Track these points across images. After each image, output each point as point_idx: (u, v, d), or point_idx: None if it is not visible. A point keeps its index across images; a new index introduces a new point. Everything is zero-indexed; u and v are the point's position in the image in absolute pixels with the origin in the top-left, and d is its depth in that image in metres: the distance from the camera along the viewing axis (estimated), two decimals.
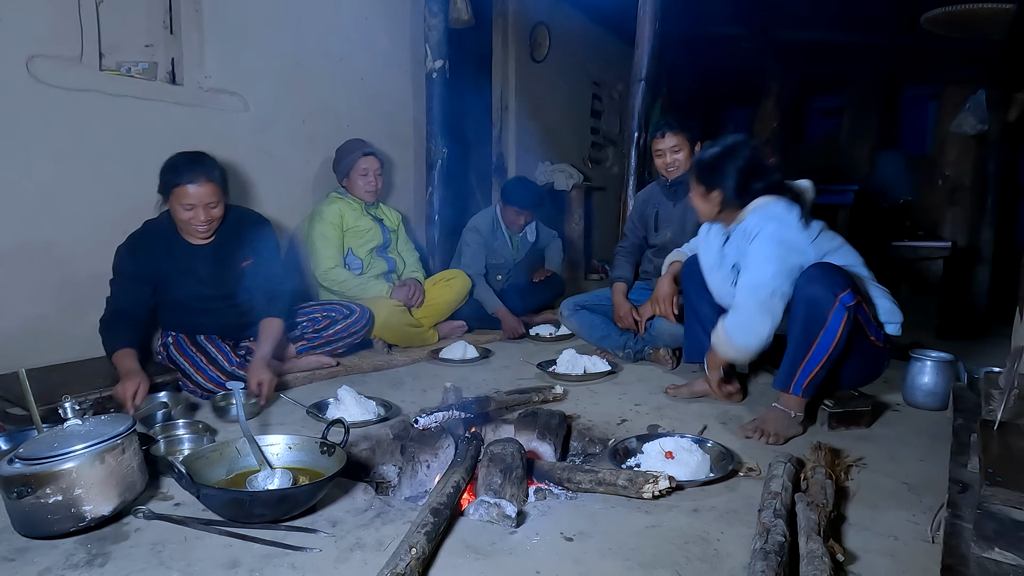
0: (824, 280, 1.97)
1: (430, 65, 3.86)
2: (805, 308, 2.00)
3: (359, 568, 1.29)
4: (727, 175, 2.14)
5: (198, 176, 2.27)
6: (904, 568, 1.33)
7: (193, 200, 2.28)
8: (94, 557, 1.32)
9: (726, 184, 2.14)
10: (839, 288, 1.95)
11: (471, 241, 3.72)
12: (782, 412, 2.05)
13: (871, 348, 2.12)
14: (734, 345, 2.11)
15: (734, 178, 2.13)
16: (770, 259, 2.02)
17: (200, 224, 2.33)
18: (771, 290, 2.01)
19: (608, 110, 6.25)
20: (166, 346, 2.48)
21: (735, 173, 2.13)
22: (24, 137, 2.41)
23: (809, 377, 2.01)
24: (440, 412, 1.99)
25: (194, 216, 2.30)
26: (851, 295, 1.95)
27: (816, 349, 1.98)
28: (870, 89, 6.60)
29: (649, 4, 3.63)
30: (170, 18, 2.91)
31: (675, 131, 2.91)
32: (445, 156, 3.94)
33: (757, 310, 2.02)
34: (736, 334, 2.08)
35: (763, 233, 2.05)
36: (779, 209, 2.08)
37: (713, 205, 2.20)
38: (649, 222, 3.13)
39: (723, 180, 2.15)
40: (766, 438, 1.99)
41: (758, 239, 2.06)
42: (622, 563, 1.32)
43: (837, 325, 1.95)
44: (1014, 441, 1.46)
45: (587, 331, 3.10)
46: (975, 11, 3.68)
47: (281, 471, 1.58)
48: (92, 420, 1.55)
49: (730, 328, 2.10)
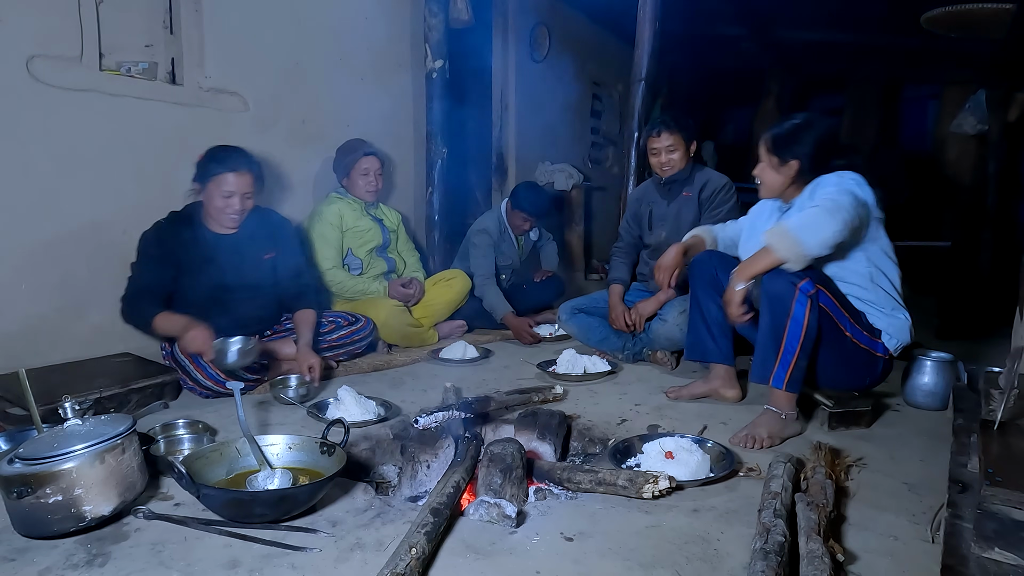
0: (784, 272, 1.98)
1: (430, 65, 3.86)
2: (769, 300, 2.00)
3: (359, 568, 1.29)
4: (807, 143, 2.11)
5: (240, 166, 2.41)
6: (904, 568, 1.33)
7: (232, 188, 2.39)
8: (94, 557, 1.32)
9: (804, 152, 2.11)
10: (797, 278, 1.95)
11: (480, 243, 3.63)
12: (773, 414, 2.04)
13: (849, 347, 2.09)
14: (793, 239, 1.93)
15: (813, 147, 2.11)
16: (845, 194, 1.97)
17: (234, 212, 2.43)
18: (838, 204, 1.94)
19: (608, 110, 6.25)
20: (171, 341, 2.47)
21: (815, 142, 2.11)
22: (24, 137, 2.41)
23: (789, 369, 1.98)
24: (440, 412, 1.98)
25: (229, 204, 2.41)
26: (810, 283, 1.95)
27: (787, 340, 1.97)
28: (870, 89, 6.60)
29: (649, 4, 3.63)
30: (170, 18, 2.91)
31: (671, 130, 2.91)
32: (445, 156, 3.94)
33: (828, 212, 1.93)
34: (800, 230, 1.93)
35: (841, 184, 2.02)
36: (859, 177, 2.07)
37: (787, 177, 2.15)
38: (643, 221, 3.13)
39: (802, 149, 2.11)
40: (759, 443, 1.96)
41: (834, 186, 2.03)
42: (622, 563, 1.32)
43: (802, 313, 1.94)
44: (1014, 441, 1.46)
45: (585, 334, 3.10)
46: (975, 11, 3.68)
47: (281, 471, 1.58)
48: (92, 420, 1.55)
49: (794, 225, 1.96)
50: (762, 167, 2.20)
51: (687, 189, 2.99)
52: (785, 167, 2.15)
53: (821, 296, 1.98)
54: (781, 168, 2.15)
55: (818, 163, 2.12)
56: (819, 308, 1.98)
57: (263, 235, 2.59)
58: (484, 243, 3.65)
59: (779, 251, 1.95)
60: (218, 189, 2.39)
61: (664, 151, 2.93)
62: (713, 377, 2.46)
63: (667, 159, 2.94)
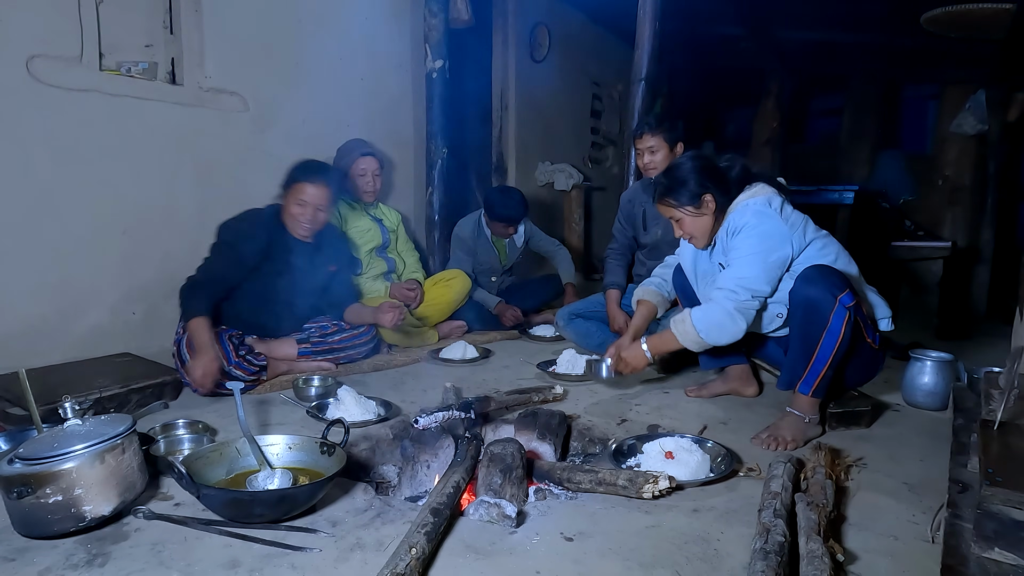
0: (822, 281, 1.95)
1: (430, 65, 3.86)
2: (805, 310, 1.97)
3: (359, 568, 1.29)
4: (698, 172, 2.09)
5: (319, 180, 2.55)
6: (904, 568, 1.33)
7: (307, 198, 2.54)
8: (94, 557, 1.32)
9: (702, 182, 2.08)
10: (837, 289, 1.93)
11: (455, 248, 3.74)
12: (796, 417, 2.03)
13: (868, 350, 2.10)
14: (697, 339, 2.05)
15: (704, 175, 2.09)
16: (754, 255, 2.01)
17: (306, 221, 2.56)
18: (752, 293, 2.00)
19: (608, 110, 6.24)
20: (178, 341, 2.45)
21: (700, 171, 2.09)
22: (24, 137, 2.41)
23: (818, 379, 1.98)
24: (440, 412, 1.98)
25: (303, 212, 2.54)
26: (850, 295, 1.93)
27: (820, 351, 1.96)
28: (870, 89, 6.59)
29: (649, 4, 3.63)
30: (170, 18, 2.91)
31: (653, 132, 2.92)
32: (445, 156, 3.94)
33: (734, 311, 1.99)
34: (706, 330, 2.03)
35: (746, 227, 2.03)
36: (759, 203, 2.06)
37: (709, 214, 2.12)
38: (637, 221, 3.14)
39: (700, 179, 2.09)
40: (783, 445, 1.95)
41: (741, 234, 2.04)
42: (622, 563, 1.32)
43: (839, 326, 1.92)
44: (1014, 441, 1.46)
45: (584, 339, 3.10)
46: (975, 11, 3.68)
47: (281, 471, 1.58)
48: (92, 420, 1.55)
49: (700, 321, 2.04)
50: (683, 223, 2.15)
51: None
52: (703, 204, 2.11)
53: (857, 309, 1.97)
54: (700, 208, 2.11)
55: (718, 183, 2.11)
56: (854, 320, 1.96)
57: (331, 248, 2.78)
58: (459, 248, 3.71)
59: (683, 341, 2.10)
60: (295, 196, 2.54)
61: (647, 152, 2.96)
62: (731, 376, 2.47)
63: (650, 160, 2.96)
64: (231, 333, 2.50)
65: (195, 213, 2.95)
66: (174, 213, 2.90)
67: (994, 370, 2.18)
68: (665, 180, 2.15)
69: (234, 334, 2.51)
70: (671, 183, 2.13)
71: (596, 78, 6.01)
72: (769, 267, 2.02)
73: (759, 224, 2.03)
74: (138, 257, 2.80)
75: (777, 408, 2.22)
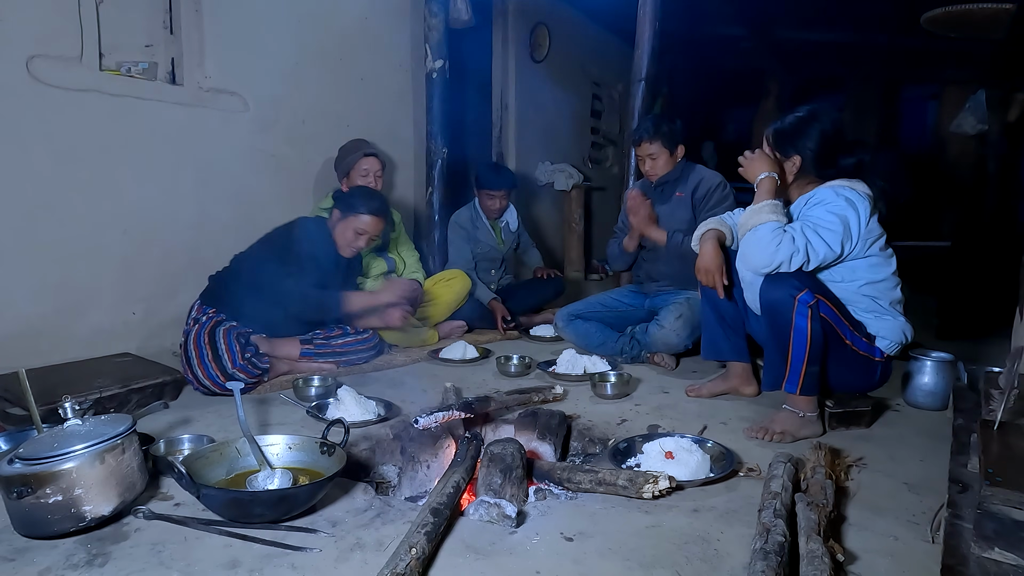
0: (782, 283, 1.96)
1: (430, 65, 3.86)
2: (770, 313, 2.00)
3: (359, 568, 1.29)
4: (810, 137, 2.03)
5: (379, 213, 2.72)
6: (904, 568, 1.33)
7: (365, 228, 2.70)
8: (94, 557, 1.32)
9: (807, 147, 2.03)
10: (795, 289, 1.93)
11: (454, 238, 3.75)
12: (790, 412, 2.05)
13: (849, 354, 2.07)
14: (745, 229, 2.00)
15: (817, 142, 2.03)
16: (833, 216, 1.96)
17: (358, 248, 2.75)
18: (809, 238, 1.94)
19: (608, 110, 6.24)
20: (187, 334, 2.45)
21: (819, 137, 2.03)
22: (24, 137, 2.41)
23: (800, 376, 1.98)
24: (440, 412, 1.98)
25: (357, 241, 2.72)
26: (809, 294, 1.93)
27: (794, 349, 1.97)
28: (870, 89, 6.60)
29: (649, 4, 3.63)
30: (170, 18, 2.91)
31: (651, 139, 2.93)
32: (445, 156, 3.94)
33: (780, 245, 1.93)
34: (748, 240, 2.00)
35: (833, 204, 1.97)
36: (852, 193, 2.00)
37: (787, 175, 2.07)
38: None
39: (804, 143, 2.03)
40: (772, 436, 1.98)
41: (822, 205, 1.99)
42: (622, 563, 1.32)
43: (804, 323, 1.93)
44: (1014, 441, 1.46)
45: (583, 340, 3.10)
46: (975, 11, 3.68)
47: (281, 471, 1.58)
48: (92, 420, 1.55)
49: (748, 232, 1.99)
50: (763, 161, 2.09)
51: (680, 189, 3.00)
52: (789, 162, 2.08)
53: (821, 306, 1.97)
54: (784, 164, 2.09)
55: (823, 160, 2.05)
56: (820, 318, 1.96)
57: (358, 261, 2.95)
58: (458, 236, 3.73)
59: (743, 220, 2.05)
60: (353, 225, 2.68)
61: (647, 159, 2.97)
62: (731, 375, 2.47)
63: (651, 166, 2.98)
64: (239, 332, 2.50)
65: (195, 213, 2.96)
66: (174, 213, 2.90)
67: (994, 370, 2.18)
68: (784, 121, 2.09)
69: (241, 333, 2.51)
70: (785, 125, 2.08)
71: (596, 78, 6.01)
72: (836, 233, 1.96)
73: (846, 207, 1.98)
74: (138, 257, 2.80)
75: (777, 408, 2.22)
